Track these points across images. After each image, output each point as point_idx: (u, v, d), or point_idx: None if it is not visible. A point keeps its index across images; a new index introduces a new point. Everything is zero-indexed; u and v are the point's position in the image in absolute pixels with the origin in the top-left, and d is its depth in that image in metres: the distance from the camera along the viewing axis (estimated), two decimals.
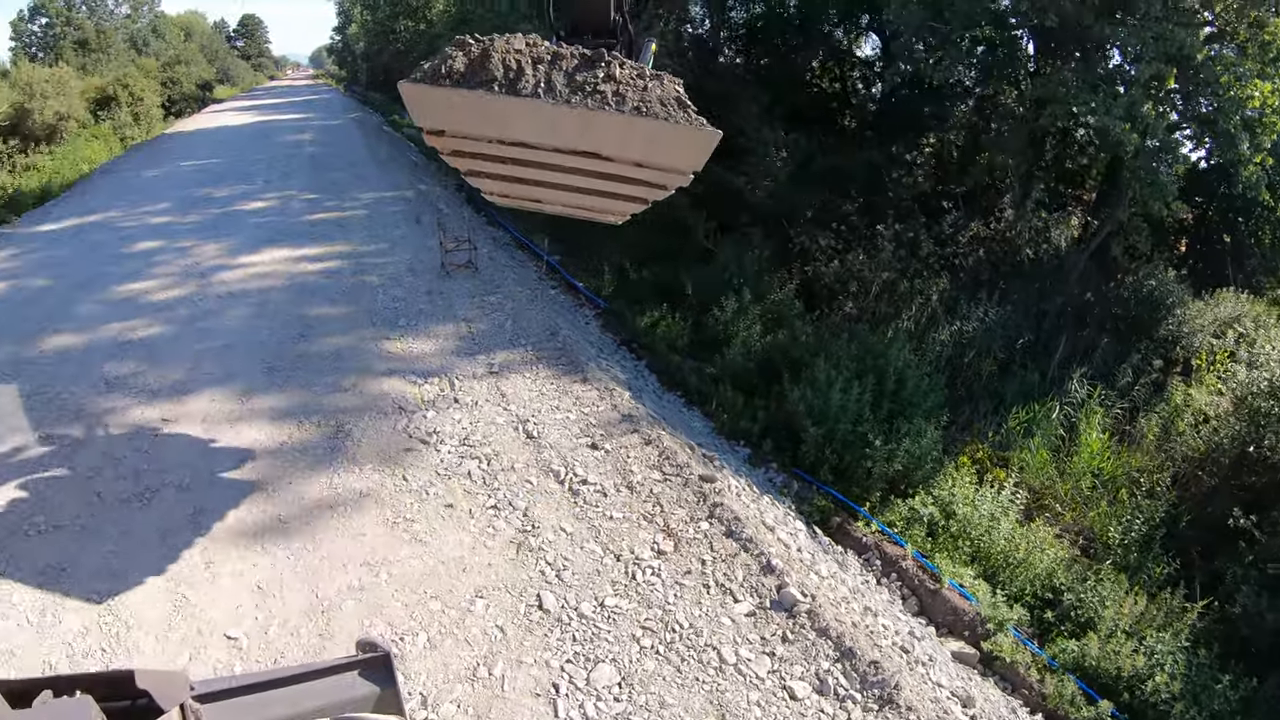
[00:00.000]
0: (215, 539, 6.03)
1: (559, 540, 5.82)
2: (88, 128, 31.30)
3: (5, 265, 12.35)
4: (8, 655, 4.91)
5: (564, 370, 8.25)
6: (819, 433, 7.35)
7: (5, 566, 5.63)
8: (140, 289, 10.78)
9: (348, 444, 7.19)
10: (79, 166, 24.63)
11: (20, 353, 8.81)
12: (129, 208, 16.41)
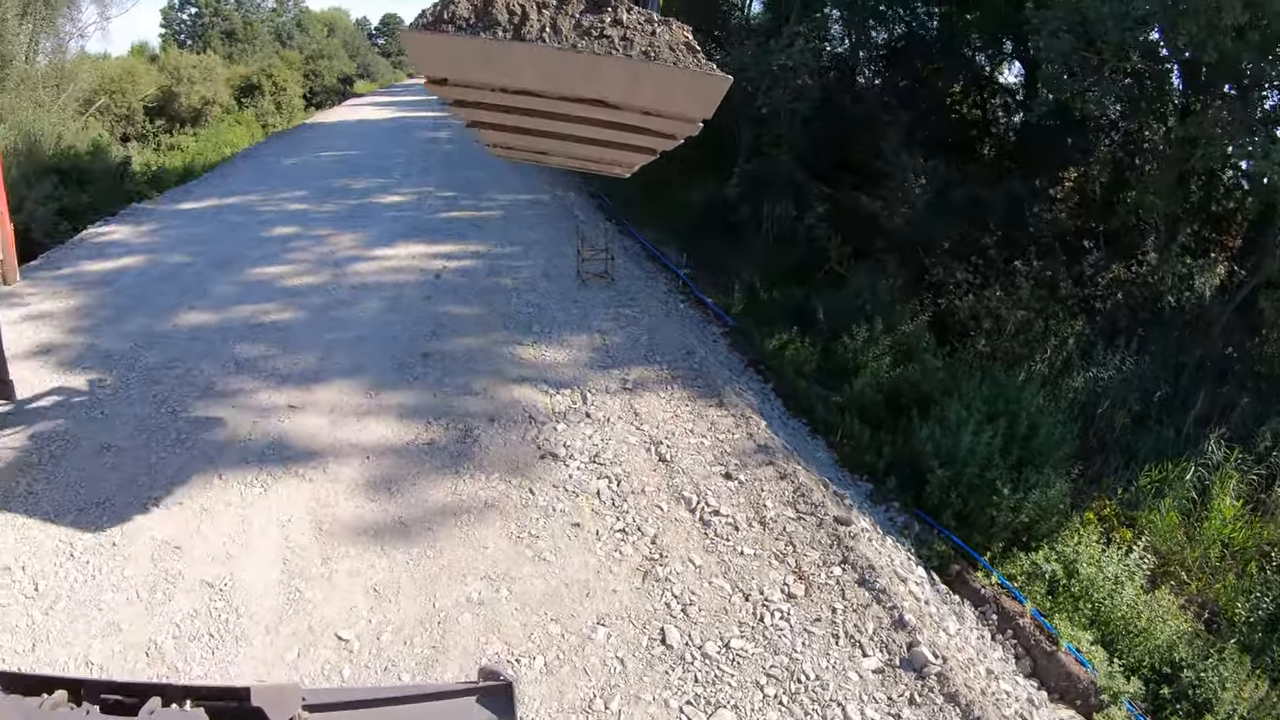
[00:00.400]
0: (334, 534, 7.45)
1: (687, 572, 6.90)
2: (231, 113, 39.02)
3: (145, 240, 15.82)
4: (113, 628, 6.42)
5: (699, 393, 9.88)
6: (945, 475, 8.71)
7: (120, 538, 7.35)
8: (275, 273, 13.18)
9: (475, 450, 8.68)
10: (221, 149, 30.47)
11: (154, 326, 11.55)
12: (268, 193, 19.73)
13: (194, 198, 20.29)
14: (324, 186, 21.67)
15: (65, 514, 7.68)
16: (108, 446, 8.60)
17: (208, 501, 7.81)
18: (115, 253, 15.33)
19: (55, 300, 12.58)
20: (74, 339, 11.34)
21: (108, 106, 32.57)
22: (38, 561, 7.09)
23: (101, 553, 7.16)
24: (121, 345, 10.96)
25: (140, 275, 13.92)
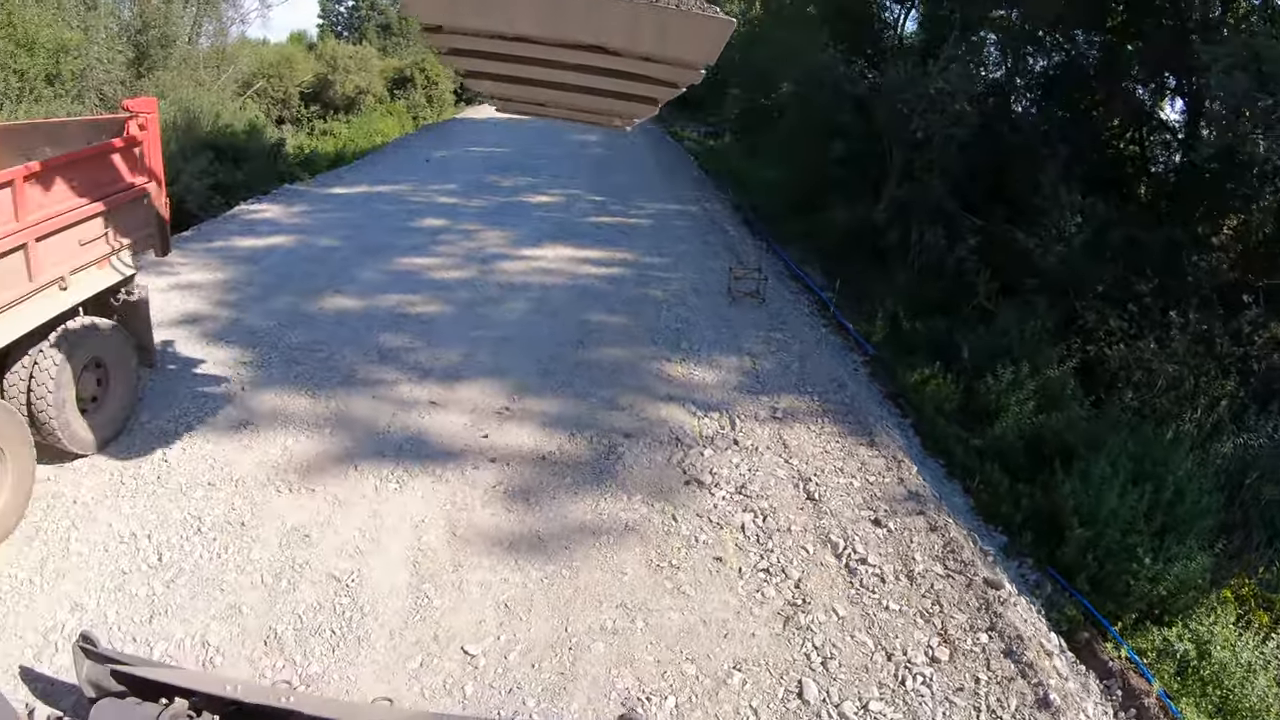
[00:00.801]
0: (468, 541, 7.50)
1: (829, 623, 6.79)
2: (383, 104, 40.61)
3: (296, 220, 16.50)
4: (234, 611, 6.62)
5: (850, 429, 9.87)
6: (1084, 535, 8.53)
7: (250, 519, 7.63)
8: (423, 264, 13.55)
9: (618, 468, 8.70)
10: (372, 138, 32.09)
11: (300, 306, 11.91)
12: (418, 184, 20.46)
13: (345, 183, 21.34)
14: (473, 181, 22.48)
15: (196, 488, 8.00)
16: (245, 424, 8.95)
17: (342, 492, 8.00)
18: (265, 230, 16.21)
19: (204, 272, 13.28)
20: (220, 312, 11.93)
21: (265, 90, 34.85)
22: (164, 532, 7.39)
23: (229, 532, 7.40)
24: (266, 323, 11.48)
25: (289, 255, 14.64)
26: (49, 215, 7.38)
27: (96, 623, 6.49)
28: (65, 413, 7.96)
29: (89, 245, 7.95)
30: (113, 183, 8.10)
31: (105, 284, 8.31)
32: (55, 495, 8.08)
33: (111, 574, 6.99)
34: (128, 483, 8.16)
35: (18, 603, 6.87)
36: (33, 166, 7.11)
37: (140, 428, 9.06)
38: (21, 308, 7.41)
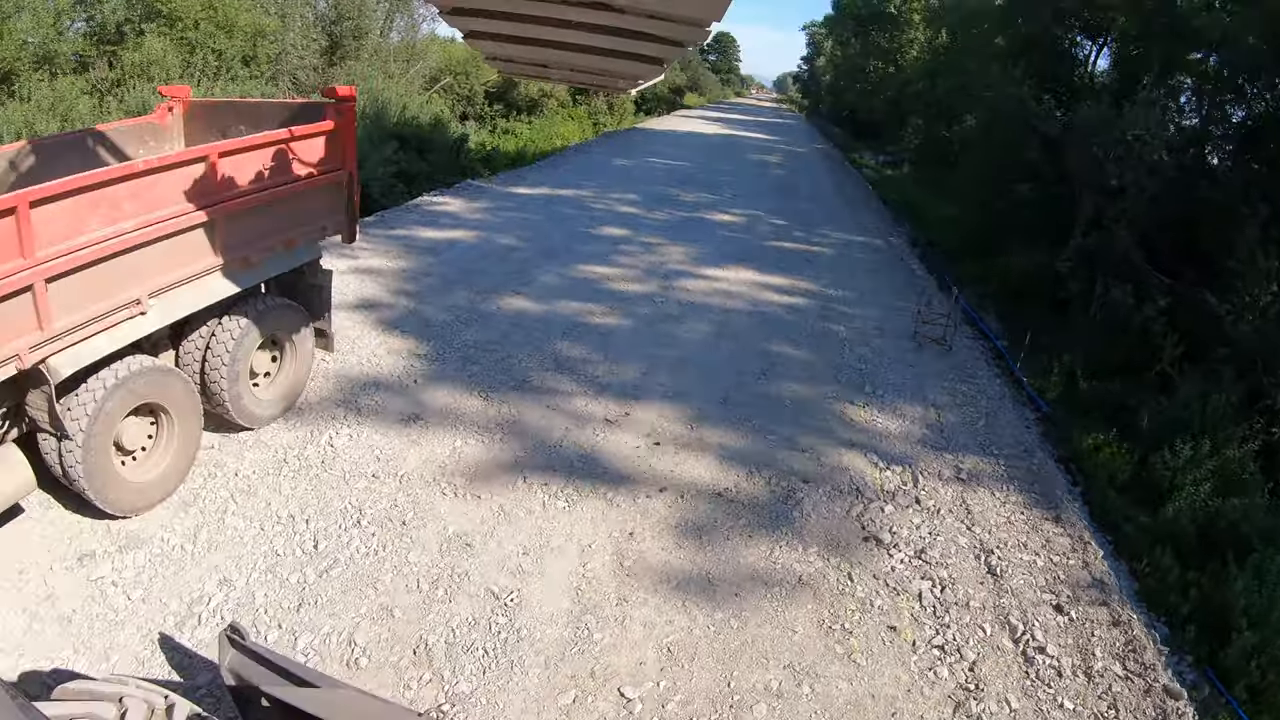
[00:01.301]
0: (635, 574, 7.35)
1: (1001, 715, 6.54)
2: (566, 108, 41.14)
3: (477, 216, 16.95)
4: (385, 613, 6.66)
5: (1036, 500, 9.57)
6: (1251, 640, 8.10)
7: (411, 518, 7.69)
8: (603, 273, 13.61)
9: (796, 515, 8.45)
10: (552, 140, 33.00)
11: (477, 304, 12.18)
12: (599, 191, 20.74)
13: (527, 184, 21.87)
14: (655, 193, 22.71)
15: (359, 478, 8.14)
16: (415, 418, 9.08)
17: (508, 503, 7.98)
18: (447, 223, 16.68)
19: (384, 259, 13.70)
20: (397, 300, 12.26)
21: (451, 86, 36.35)
22: (323, 520, 7.52)
23: (389, 529, 7.47)
24: (443, 316, 11.73)
25: (469, 250, 14.98)
26: (242, 193, 7.72)
27: (244, 603, 6.66)
28: (237, 385, 8.30)
29: (279, 226, 8.29)
30: (307, 166, 8.40)
31: (291, 265, 8.65)
32: (217, 465, 8.36)
33: (265, 554, 7.16)
34: (291, 462, 8.39)
35: (166, 567, 7.09)
36: (227, 145, 7.46)
37: (309, 408, 9.34)
38: (207, 280, 7.77)
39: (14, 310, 6.18)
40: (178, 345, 8.20)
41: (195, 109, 10.04)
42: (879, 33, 50.68)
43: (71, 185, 6.34)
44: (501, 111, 38.29)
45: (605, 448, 9.02)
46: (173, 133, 10.04)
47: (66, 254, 6.36)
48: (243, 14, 24.69)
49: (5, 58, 20.14)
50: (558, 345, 11.20)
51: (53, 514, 7.93)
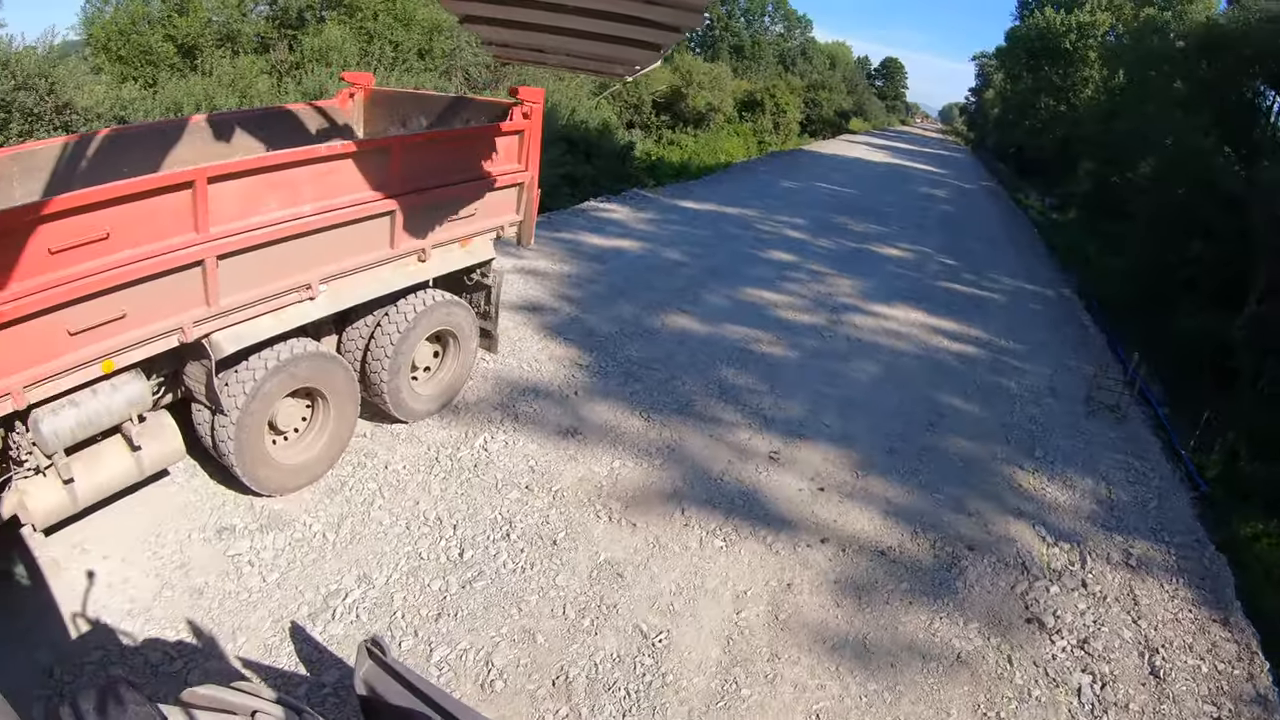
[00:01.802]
0: (789, 629, 6.87)
1: None
2: (732, 123, 40.82)
3: (644, 228, 16.82)
4: (527, 636, 6.35)
5: (1204, 598, 8.82)
6: None
7: (563, 538, 7.37)
8: (769, 299, 13.21)
9: (959, 585, 7.94)
10: (716, 155, 32.71)
11: (642, 318, 11.98)
12: (766, 212, 20.39)
13: (694, 198, 21.66)
14: (821, 220, 22.24)
15: (511, 488, 7.88)
16: (573, 431, 8.82)
17: (664, 535, 7.59)
18: (613, 231, 16.55)
19: (550, 261, 13.60)
20: (561, 306, 12.09)
21: (620, 93, 36.61)
22: (471, 527, 7.28)
23: (539, 547, 7.16)
24: (607, 328, 11.49)
25: (635, 261, 14.75)
26: (422, 187, 7.54)
27: (381, 604, 6.44)
28: (397, 378, 8.16)
29: (456, 223, 8.12)
30: (490, 166, 8.21)
31: (464, 264, 8.47)
32: (368, 454, 8.23)
33: (408, 556, 6.95)
34: (443, 462, 8.19)
35: (306, 554, 6.94)
36: (412, 137, 7.28)
37: (466, 408, 9.16)
38: (380, 271, 7.65)
39: (183, 283, 6.13)
40: (341, 331, 8.14)
41: (376, 97, 10.02)
42: (1051, 68, 49.04)
43: (251, 164, 6.28)
44: (668, 122, 38.57)
45: (768, 487, 8.56)
46: (352, 118, 10.05)
47: (241, 232, 6.29)
48: (421, 8, 25.37)
49: (190, 33, 21.08)
50: (723, 371, 10.79)
51: (196, 482, 7.93)
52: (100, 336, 5.82)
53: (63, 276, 5.36)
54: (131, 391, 6.30)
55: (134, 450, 6.60)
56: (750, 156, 37.57)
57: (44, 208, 5.18)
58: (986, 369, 13.42)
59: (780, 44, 71.80)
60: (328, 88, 20.83)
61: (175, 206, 5.85)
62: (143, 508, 7.62)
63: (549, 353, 10.65)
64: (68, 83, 16.68)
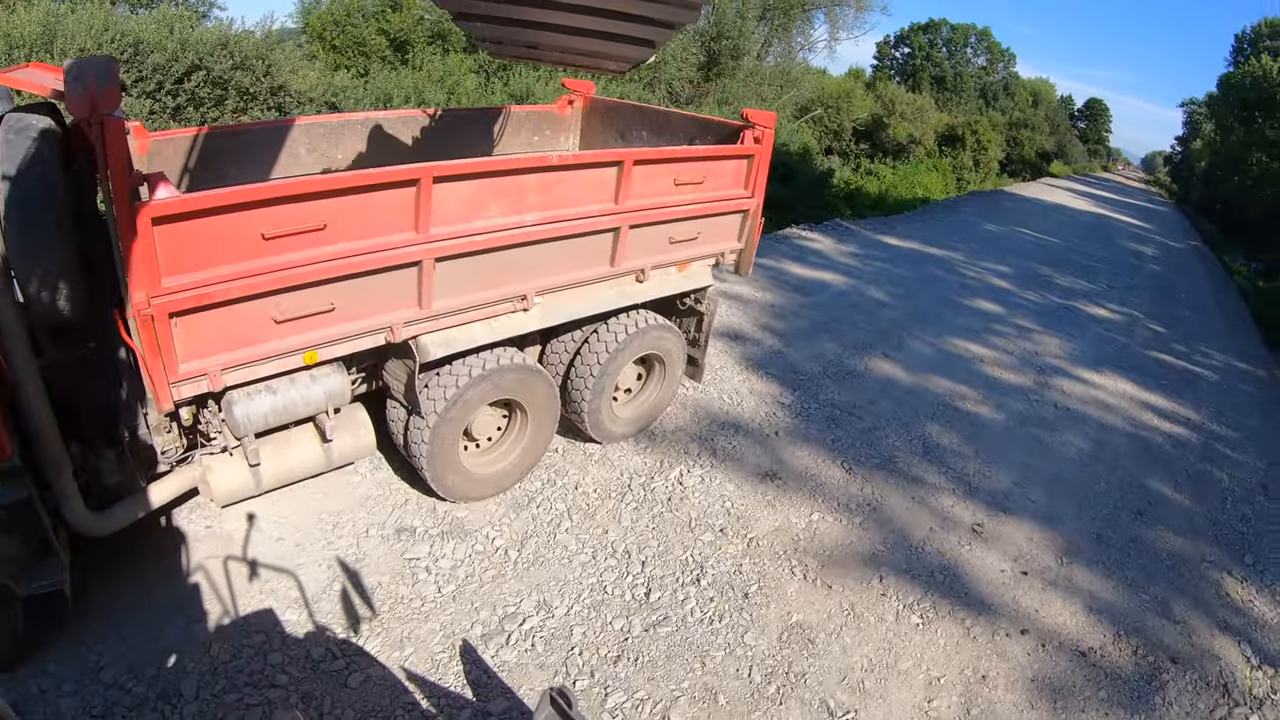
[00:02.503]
0: None
1: None
2: (931, 157, 39.47)
3: (847, 261, 16.35)
4: (708, 695, 5.87)
5: None
6: None
7: (755, 592, 6.83)
8: (974, 352, 12.50)
9: (1158, 701, 7.07)
10: (914, 189, 31.85)
11: (844, 358, 11.60)
12: (969, 256, 19.58)
13: (896, 234, 21.02)
14: (1026, 270, 21.19)
15: (706, 529, 7.47)
16: (772, 476, 8.37)
17: (860, 603, 7.04)
18: (815, 262, 16.09)
19: (752, 288, 13.25)
20: (764, 337, 11.68)
21: (821, 118, 35.99)
22: (661, 566, 6.92)
23: (730, 598, 6.71)
24: (809, 366, 10.98)
25: (838, 297, 14.24)
26: (649, 205, 7.21)
27: (559, 635, 6.13)
28: (600, 399, 7.89)
29: (676, 246, 7.76)
30: (717, 189, 7.82)
31: (680, 289, 8.10)
32: (558, 472, 7.98)
33: (592, 588, 6.63)
34: (635, 491, 7.86)
35: (486, 570, 6.70)
36: (642, 153, 6.96)
37: (663, 436, 8.85)
38: (597, 289, 7.37)
39: (396, 283, 5.98)
40: (545, 343, 7.94)
41: (596, 105, 9.80)
42: (1265, 121, 44.82)
43: (478, 167, 6.05)
44: (867, 151, 37.81)
45: (969, 563, 7.91)
46: (570, 126, 9.88)
47: (462, 236, 6.08)
48: None
49: (404, 29, 21.65)
50: (927, 427, 10.15)
51: (380, 475, 7.84)
52: (306, 327, 5.71)
53: (274, 264, 5.25)
54: (331, 384, 6.22)
55: (325, 441, 6.52)
56: (949, 194, 36.37)
57: (261, 192, 5.07)
58: (1197, 455, 12.30)
59: (982, 77, 69.24)
60: (534, 90, 21.17)
61: (397, 203, 5.68)
62: (321, 494, 7.58)
63: (750, 386, 10.23)
64: (283, 66, 17.38)
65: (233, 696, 5.49)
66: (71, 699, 5.46)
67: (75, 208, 5.13)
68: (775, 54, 35.66)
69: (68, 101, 4.21)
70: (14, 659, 5.60)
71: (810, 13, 36.41)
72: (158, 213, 4.63)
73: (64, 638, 5.91)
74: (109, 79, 4.26)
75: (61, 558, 5.48)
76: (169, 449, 6.08)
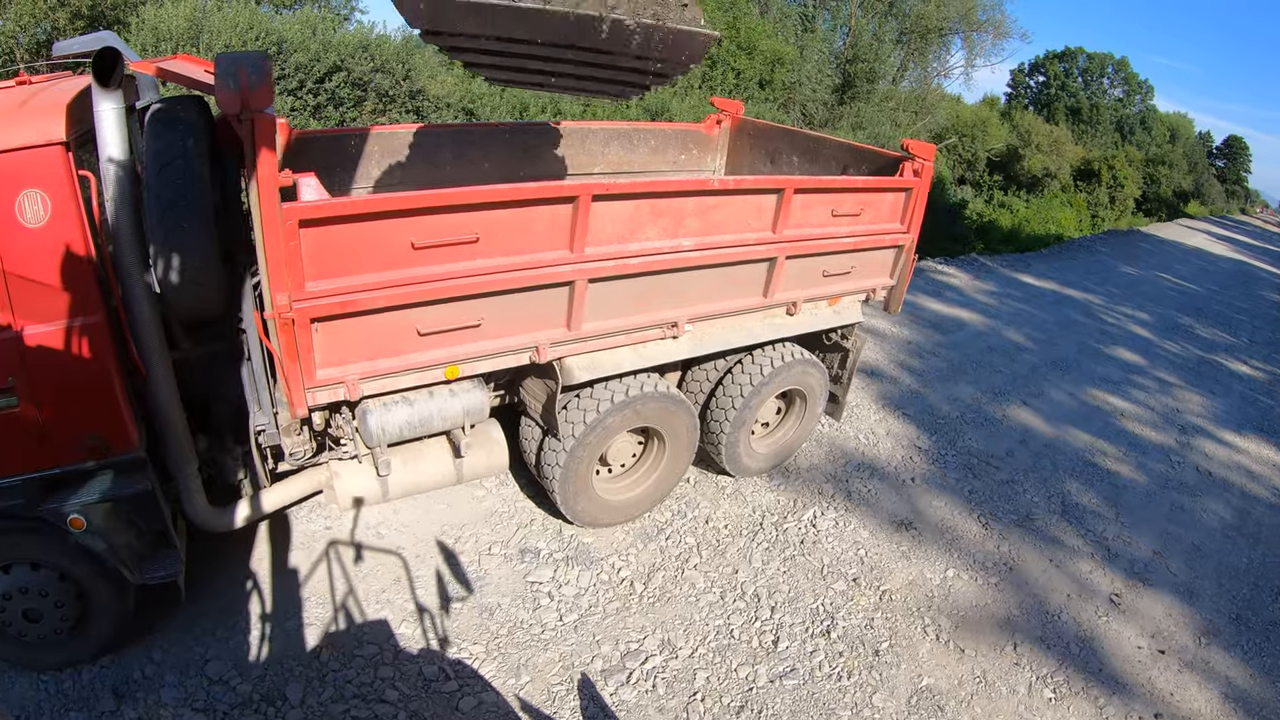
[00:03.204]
0: None
1: None
2: (1066, 191, 37.83)
3: (984, 300, 15.84)
4: None
5: None
6: None
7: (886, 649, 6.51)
8: (1114, 405, 11.98)
9: None
10: (1047, 225, 30.48)
11: (982, 403, 11.21)
12: (1107, 300, 18.77)
13: (1033, 273, 20.29)
14: (1166, 318, 20.13)
15: (838, 578, 7.15)
16: (907, 525, 8.00)
17: (991, 670, 6.59)
18: (952, 299, 15.58)
19: (889, 323, 12.87)
20: (901, 376, 11.33)
21: (955, 146, 35.07)
22: (790, 614, 6.63)
23: (860, 654, 6.39)
24: (947, 409, 10.58)
25: (975, 337, 13.73)
26: (806, 236, 6.87)
27: (681, 678, 5.90)
28: (738, 431, 7.62)
29: (829, 280, 7.41)
30: (874, 222, 7.43)
31: (829, 324, 7.76)
32: (689, 504, 7.76)
33: (718, 630, 6.38)
34: (767, 530, 7.60)
35: (610, 601, 6.50)
36: (803, 181, 6.59)
37: (797, 473, 8.55)
38: (747, 319, 7.11)
39: (546, 302, 5.79)
40: (685, 371, 7.71)
41: (745, 127, 9.50)
42: None
43: (638, 188, 5.82)
44: (1000, 183, 36.76)
45: (1105, 637, 7.37)
46: (717, 146, 9.62)
47: (617, 258, 5.87)
48: (764, 39, 25.25)
49: None
50: (1066, 484, 9.60)
51: (506, 492, 7.71)
52: (450, 341, 5.58)
53: (423, 274, 5.12)
54: (470, 400, 6.05)
55: (457, 457, 6.39)
56: (1083, 231, 34.91)
57: (414, 200, 4.95)
58: None
59: (1118, 109, 66.36)
60: (669, 106, 21.02)
61: (553, 220, 5.49)
62: (445, 505, 7.48)
63: (887, 426, 9.86)
64: (422, 71, 17.62)
65: (339, 707, 5.42)
66: (174, 689, 5.46)
67: (219, 203, 5.12)
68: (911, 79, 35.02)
69: (218, 96, 4.13)
70: (118, 642, 5.64)
71: (947, 37, 35.63)
72: (305, 215, 4.56)
73: (173, 627, 5.93)
74: (262, 75, 4.16)
75: (178, 550, 5.52)
76: (297, 451, 6.03)
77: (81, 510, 4.96)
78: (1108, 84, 66.83)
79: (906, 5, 33.41)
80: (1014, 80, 66.90)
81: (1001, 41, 37.35)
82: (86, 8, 17.21)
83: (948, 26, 34.66)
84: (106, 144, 4.61)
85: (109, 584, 5.32)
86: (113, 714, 5.27)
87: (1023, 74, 66.56)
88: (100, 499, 5.01)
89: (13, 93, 5.03)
